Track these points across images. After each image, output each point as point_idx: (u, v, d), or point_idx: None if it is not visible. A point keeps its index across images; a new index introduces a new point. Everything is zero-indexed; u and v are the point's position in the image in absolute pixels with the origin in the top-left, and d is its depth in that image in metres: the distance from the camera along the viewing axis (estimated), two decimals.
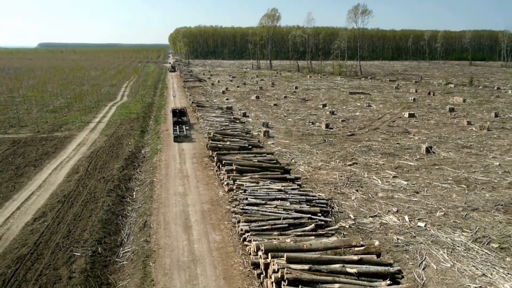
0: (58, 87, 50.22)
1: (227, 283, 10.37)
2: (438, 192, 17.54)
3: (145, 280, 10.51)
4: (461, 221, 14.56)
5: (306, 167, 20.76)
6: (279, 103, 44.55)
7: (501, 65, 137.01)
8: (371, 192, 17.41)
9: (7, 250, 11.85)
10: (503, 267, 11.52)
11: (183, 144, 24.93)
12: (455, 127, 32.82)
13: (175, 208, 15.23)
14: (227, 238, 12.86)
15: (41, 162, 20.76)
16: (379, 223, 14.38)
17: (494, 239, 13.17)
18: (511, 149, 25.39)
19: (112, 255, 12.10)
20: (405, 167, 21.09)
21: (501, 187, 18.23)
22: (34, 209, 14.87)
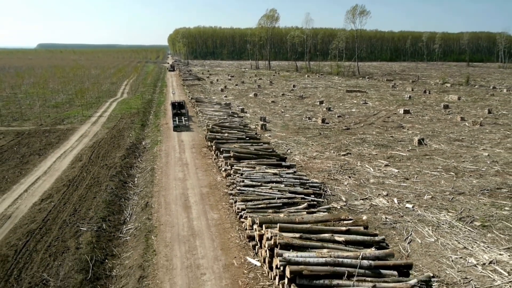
0: (59, 84, 50.99)
1: (224, 253, 11.11)
2: (427, 178, 18.30)
3: (148, 251, 11.23)
4: (448, 203, 15.32)
5: (301, 157, 21.51)
6: (276, 100, 45.32)
7: (499, 66, 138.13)
8: (363, 178, 18.16)
9: (17, 226, 12.58)
10: (483, 241, 12.27)
11: (182, 136, 25.69)
12: (448, 122, 33.59)
13: (175, 191, 15.97)
14: (224, 217, 13.60)
15: (45, 151, 21.49)
16: (369, 204, 15.13)
17: (477, 219, 13.92)
18: (502, 142, 26.16)
19: (116, 231, 12.82)
20: (397, 157, 21.86)
21: (488, 174, 19.00)
22: (41, 192, 15.59)
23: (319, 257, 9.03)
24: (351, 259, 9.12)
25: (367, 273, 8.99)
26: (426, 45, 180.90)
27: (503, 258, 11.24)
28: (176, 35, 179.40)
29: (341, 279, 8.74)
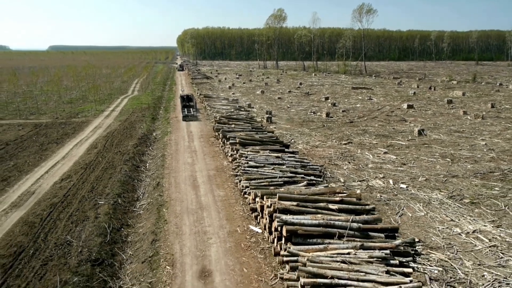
0: (73, 82, 52.65)
1: (229, 223, 12.19)
2: (424, 164, 19.21)
3: (159, 221, 12.37)
4: (440, 185, 16.22)
5: (304, 146, 22.53)
6: (283, 97, 46.31)
7: (508, 65, 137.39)
8: (362, 164, 19.12)
9: (41, 200, 13.81)
10: (470, 215, 13.18)
11: (191, 127, 26.88)
12: (451, 116, 34.29)
13: (184, 173, 17.11)
14: (230, 194, 14.69)
15: (63, 140, 22.81)
16: (366, 185, 16.10)
17: (467, 197, 14.83)
18: (501, 133, 26.87)
19: (130, 206, 13.99)
20: (396, 146, 22.76)
21: (483, 160, 19.83)
22: (61, 173, 16.84)
23: (313, 220, 10.07)
24: (342, 222, 10.15)
25: (356, 234, 10.01)
26: (435, 44, 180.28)
27: (487, 229, 12.16)
28: (184, 36, 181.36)
29: (332, 239, 9.76)
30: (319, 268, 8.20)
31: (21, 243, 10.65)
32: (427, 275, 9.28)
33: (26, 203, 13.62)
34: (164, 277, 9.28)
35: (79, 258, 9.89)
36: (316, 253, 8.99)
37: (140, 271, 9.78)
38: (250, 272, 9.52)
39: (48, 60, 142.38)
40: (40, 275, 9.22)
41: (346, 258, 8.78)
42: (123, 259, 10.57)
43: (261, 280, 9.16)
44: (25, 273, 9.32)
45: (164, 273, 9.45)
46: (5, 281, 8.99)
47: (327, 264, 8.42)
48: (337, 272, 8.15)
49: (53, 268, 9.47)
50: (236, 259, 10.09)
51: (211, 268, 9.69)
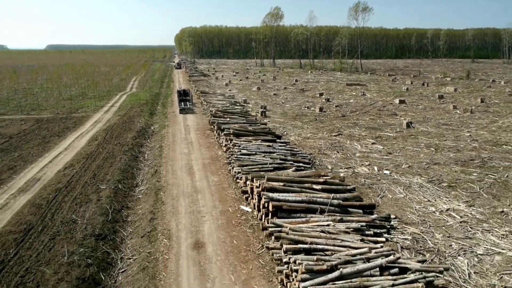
0: (72, 79, 53.54)
1: (221, 203, 13.18)
2: (409, 153, 20.21)
3: (157, 202, 13.34)
4: (422, 171, 17.22)
5: (296, 137, 23.50)
6: (278, 93, 47.27)
7: (503, 62, 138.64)
8: (349, 153, 20.11)
9: (46, 185, 14.76)
10: (446, 197, 14.18)
11: (188, 121, 27.84)
12: (441, 110, 35.30)
13: (181, 162, 18.08)
14: (223, 179, 15.68)
15: (64, 134, 23.74)
16: (352, 172, 17.08)
17: (445, 181, 15.83)
18: (487, 126, 27.88)
19: (130, 191, 14.95)
20: (384, 137, 23.76)
21: (466, 150, 20.84)
22: (63, 162, 17.79)
23: (297, 197, 11.06)
24: (324, 199, 11.14)
25: (336, 210, 11.00)
26: (431, 42, 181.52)
27: (460, 208, 13.17)
28: (182, 35, 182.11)
29: (314, 214, 10.75)
30: (300, 236, 9.18)
31: (30, 222, 11.61)
32: (399, 244, 10.28)
33: (32, 188, 14.57)
34: (162, 248, 10.26)
35: (83, 233, 10.85)
36: (299, 225, 9.96)
37: (139, 244, 10.76)
38: (240, 243, 10.50)
39: (46, 59, 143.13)
40: (49, 247, 10.18)
41: (326, 229, 9.76)
42: (124, 235, 11.53)
43: (249, 250, 10.14)
44: (35, 245, 10.29)
45: (162, 245, 10.42)
46: (17, 252, 9.95)
47: (307, 233, 9.40)
48: (316, 239, 9.12)
49: (61, 241, 10.43)
50: (227, 233, 11.07)
51: (204, 240, 10.68)
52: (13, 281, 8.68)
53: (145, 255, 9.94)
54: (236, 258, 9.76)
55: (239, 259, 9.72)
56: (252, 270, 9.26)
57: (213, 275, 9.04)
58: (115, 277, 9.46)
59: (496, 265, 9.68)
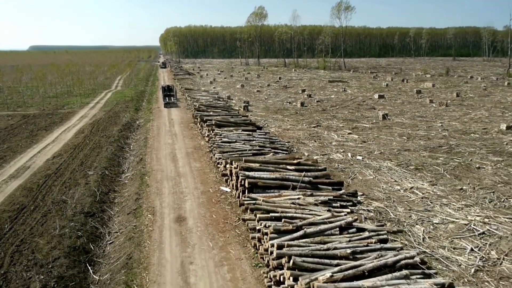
0: (57, 77, 53.73)
1: (202, 185, 14.11)
2: (382, 141, 21.39)
3: (142, 185, 14.20)
4: (393, 156, 18.38)
5: (276, 129, 24.52)
6: (262, 90, 48.27)
7: (483, 60, 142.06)
8: (326, 142, 21.22)
9: (36, 172, 15.50)
10: (412, 178, 15.34)
11: (172, 115, 28.66)
12: (418, 104, 36.70)
13: (165, 151, 18.94)
14: (205, 165, 16.60)
15: (51, 128, 24.36)
16: (327, 158, 18.16)
17: (413, 164, 17.02)
18: (460, 118, 29.30)
19: (117, 177, 15.76)
20: (360, 128, 24.95)
21: (436, 138, 22.11)
22: (52, 152, 18.50)
23: (271, 175, 12.05)
24: (296, 176, 12.15)
25: (307, 186, 12.02)
26: (414, 40, 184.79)
27: (423, 186, 14.32)
28: (167, 35, 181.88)
29: (287, 189, 11.75)
30: (272, 206, 10.16)
31: (23, 202, 12.38)
32: (363, 216, 11.34)
33: (23, 175, 15.28)
34: (146, 222, 11.15)
35: (73, 211, 11.67)
36: (272, 199, 10.95)
37: (126, 220, 11.62)
38: (218, 217, 11.45)
39: (30, 59, 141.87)
40: (42, 222, 10.99)
41: (296, 201, 10.76)
42: (111, 214, 12.38)
43: (227, 222, 11.10)
44: (28, 221, 11.08)
45: (146, 220, 11.31)
46: (12, 227, 10.72)
47: (279, 204, 10.39)
48: (286, 209, 10.11)
49: (52, 218, 11.24)
50: (207, 209, 12.01)
51: (185, 215, 11.60)
52: (9, 250, 9.48)
53: (131, 228, 10.82)
54: (215, 229, 10.71)
55: (218, 229, 10.67)
56: (229, 238, 10.22)
57: (193, 242, 9.97)
58: (103, 247, 10.32)
59: (449, 231, 10.81)
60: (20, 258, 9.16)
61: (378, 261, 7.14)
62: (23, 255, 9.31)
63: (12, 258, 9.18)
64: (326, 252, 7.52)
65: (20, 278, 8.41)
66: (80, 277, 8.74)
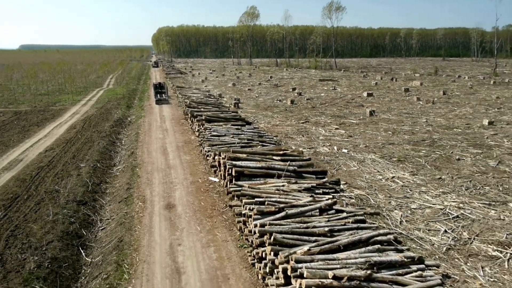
0: (48, 75, 53.79)
1: (192, 176, 14.57)
2: (368, 136, 21.99)
3: (133, 176, 14.63)
4: (377, 149, 18.98)
5: (266, 124, 25.03)
6: (253, 88, 48.76)
7: (472, 60, 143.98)
8: (314, 136, 21.78)
9: (29, 164, 15.84)
10: (394, 168, 15.94)
11: (163, 112, 29.06)
12: (405, 102, 37.44)
13: (156, 145, 19.36)
14: (194, 158, 17.06)
15: (43, 123, 24.64)
16: (313, 151, 18.71)
17: (396, 156, 17.63)
18: (445, 114, 30.03)
19: (108, 170, 16.16)
20: (347, 124, 25.55)
21: (420, 133, 22.77)
22: (44, 146, 18.82)
23: (257, 164, 12.55)
24: (281, 166, 12.66)
25: (292, 175, 12.53)
26: (404, 41, 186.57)
27: (404, 176, 14.92)
28: (159, 34, 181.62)
29: (272, 178, 12.26)
30: (257, 192, 10.66)
31: (16, 192, 12.74)
32: (345, 202, 11.89)
33: (16, 167, 15.62)
34: (137, 209, 11.59)
35: (66, 199, 12.07)
36: (257, 186, 11.44)
37: (117, 208, 12.05)
38: (206, 205, 11.92)
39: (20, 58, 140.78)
40: (35, 210, 11.38)
41: (280, 188, 11.27)
42: (103, 203, 12.80)
43: (214, 209, 11.58)
44: (22, 209, 11.46)
45: (137, 207, 11.75)
46: (6, 214, 11.10)
47: (264, 190, 10.89)
48: (271, 195, 10.61)
49: (45, 205, 11.63)
50: (196, 197, 12.49)
51: (175, 203, 12.06)
52: (4, 234, 9.87)
53: (122, 215, 11.25)
54: (203, 214, 11.19)
55: (205, 215, 11.14)
56: (216, 222, 10.70)
57: (182, 226, 10.44)
58: (95, 233, 10.75)
59: (425, 215, 11.39)
60: (15, 242, 9.55)
61: (353, 237, 7.67)
62: (17, 239, 9.70)
63: (7, 241, 9.58)
64: (305, 230, 8.03)
65: (15, 259, 8.81)
66: (73, 259, 9.17)
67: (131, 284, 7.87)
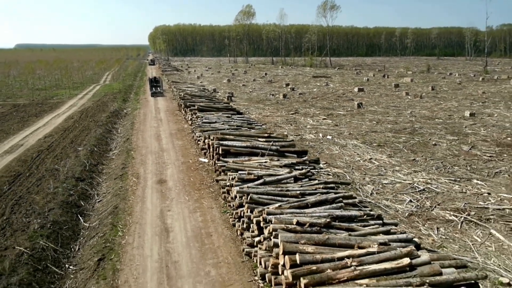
0: (45, 72, 54.69)
1: (183, 157, 15.60)
2: (353, 125, 23.06)
3: (128, 158, 15.63)
4: (360, 136, 20.05)
5: (257, 115, 26.06)
6: (247, 84, 49.79)
7: (466, 59, 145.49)
8: (301, 125, 22.84)
9: (29, 148, 16.83)
10: (373, 151, 17.01)
11: (158, 104, 30.06)
12: (394, 97, 38.53)
13: (150, 132, 20.37)
14: (186, 143, 18.08)
15: (41, 115, 25.60)
16: (299, 137, 19.77)
17: (376, 142, 18.70)
18: (431, 108, 31.15)
19: (105, 154, 17.14)
20: (335, 115, 26.62)
21: (403, 122, 23.86)
22: (43, 133, 19.80)
23: (243, 143, 13.58)
24: (265, 145, 13.70)
25: (275, 154, 13.56)
26: (400, 40, 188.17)
27: (381, 158, 15.99)
28: (156, 33, 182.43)
29: (256, 156, 13.29)
30: (241, 166, 11.68)
31: (19, 170, 13.74)
32: (323, 177, 12.93)
33: (17, 151, 16.59)
34: (131, 183, 12.60)
35: (65, 176, 13.06)
36: (242, 162, 12.47)
37: (113, 183, 13.05)
38: (195, 180, 12.96)
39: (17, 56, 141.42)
40: (37, 184, 12.37)
41: (263, 164, 12.30)
42: (100, 181, 13.80)
43: (202, 183, 12.62)
44: (25, 184, 12.45)
45: (131, 182, 12.77)
46: (10, 188, 12.09)
47: (247, 165, 11.92)
48: (253, 169, 11.64)
49: (46, 181, 12.62)
50: (186, 174, 13.51)
51: (166, 179, 13.08)
52: (10, 203, 10.87)
53: (117, 188, 12.27)
54: (191, 188, 12.22)
55: (194, 188, 12.18)
56: (203, 194, 11.74)
57: (172, 197, 11.47)
58: (92, 204, 11.75)
59: (394, 189, 12.46)
60: (19, 209, 10.55)
61: (320, 197, 8.71)
62: (22, 206, 10.70)
63: (13, 209, 10.57)
64: (279, 192, 9.07)
65: (20, 222, 9.80)
66: (73, 224, 10.17)
67: (125, 240, 8.88)
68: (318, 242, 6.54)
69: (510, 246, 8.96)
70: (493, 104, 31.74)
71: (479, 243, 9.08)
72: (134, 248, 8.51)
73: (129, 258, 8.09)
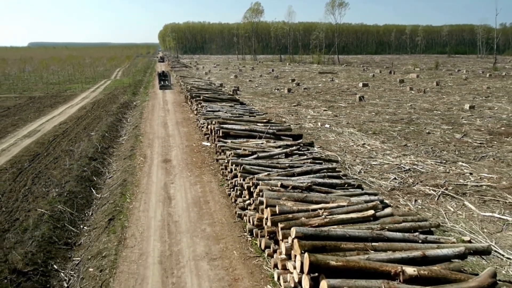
0: (58, 67, 56.45)
1: (187, 142, 16.73)
2: (352, 116, 23.98)
3: (136, 142, 16.81)
4: (357, 125, 20.99)
5: (260, 107, 27.10)
6: (254, 80, 50.82)
7: (477, 57, 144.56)
8: (302, 116, 23.82)
9: (46, 133, 18.11)
10: (367, 138, 17.95)
11: (166, 96, 31.28)
12: (398, 91, 39.25)
13: (158, 121, 21.55)
14: (191, 130, 19.21)
15: (56, 105, 26.97)
16: (299, 126, 20.77)
17: (372, 130, 19.62)
18: (433, 102, 31.87)
19: (115, 139, 18.34)
20: (336, 107, 27.54)
21: (401, 114, 24.71)
22: (58, 121, 21.12)
23: (242, 127, 14.65)
24: (262, 129, 14.74)
25: (272, 137, 14.60)
26: (410, 37, 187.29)
27: (374, 144, 16.92)
28: (165, 31, 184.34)
29: (254, 138, 14.34)
30: (238, 146, 12.75)
31: (37, 151, 14.99)
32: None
33: (35, 135, 17.89)
34: (139, 162, 13.76)
35: (79, 156, 14.27)
36: (240, 143, 13.53)
37: (122, 163, 14.22)
38: (197, 160, 14.06)
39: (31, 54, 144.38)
40: (54, 162, 13.59)
41: (260, 145, 13.35)
42: (110, 161, 14.97)
43: (204, 163, 13.71)
44: (43, 162, 13.68)
45: (139, 161, 13.92)
46: (30, 164, 13.32)
47: (245, 145, 12.98)
48: (250, 148, 12.69)
49: (62, 160, 13.84)
50: (189, 155, 14.63)
51: (171, 159, 14.21)
52: (30, 176, 12.09)
53: (126, 166, 13.43)
54: (194, 166, 13.32)
55: (196, 166, 13.28)
56: (204, 171, 12.83)
57: (175, 173, 12.59)
58: (104, 180, 12.92)
59: (382, 169, 13.42)
60: (39, 181, 11.76)
61: (305, 168, 9.74)
62: (41, 179, 11.91)
63: (33, 181, 11.79)
64: (270, 164, 10.12)
65: (40, 191, 10.99)
66: (86, 194, 11.33)
67: (132, 205, 10.02)
68: (297, 199, 7.58)
69: (479, 214, 9.89)
70: (496, 99, 32.29)
71: (452, 212, 10.02)
72: (140, 211, 9.64)
73: (136, 218, 9.22)
